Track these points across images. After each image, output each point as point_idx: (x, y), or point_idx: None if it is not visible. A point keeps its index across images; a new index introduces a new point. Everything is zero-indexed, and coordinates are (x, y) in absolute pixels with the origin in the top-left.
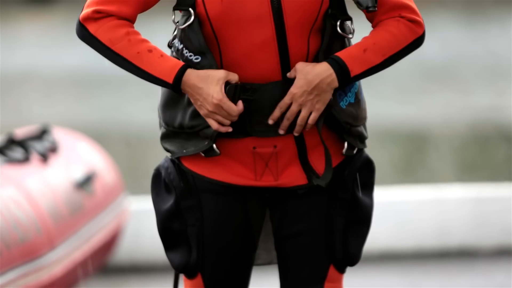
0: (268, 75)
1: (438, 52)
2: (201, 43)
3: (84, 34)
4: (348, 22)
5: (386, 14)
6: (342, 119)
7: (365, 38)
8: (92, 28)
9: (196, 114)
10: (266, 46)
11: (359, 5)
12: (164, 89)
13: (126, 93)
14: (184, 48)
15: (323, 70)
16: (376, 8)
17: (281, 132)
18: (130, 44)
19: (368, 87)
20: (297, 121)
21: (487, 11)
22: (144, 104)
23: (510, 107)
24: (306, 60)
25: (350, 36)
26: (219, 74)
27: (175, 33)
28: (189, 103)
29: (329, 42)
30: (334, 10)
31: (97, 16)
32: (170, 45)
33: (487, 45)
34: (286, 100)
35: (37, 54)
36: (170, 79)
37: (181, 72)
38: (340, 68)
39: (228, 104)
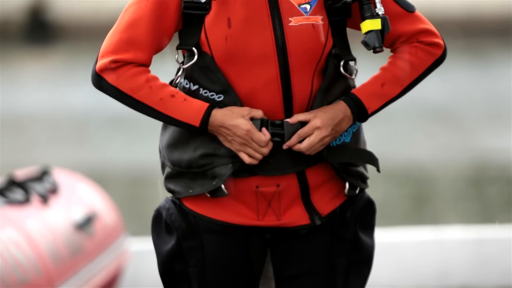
0: (271, 114)
1: (439, 93)
2: (223, 81)
3: (103, 84)
4: (352, 63)
5: (404, 43)
6: (333, 159)
7: (383, 70)
8: (111, 78)
9: (207, 154)
10: (270, 85)
11: (366, 45)
12: (171, 129)
13: (126, 134)
14: (201, 88)
15: (343, 108)
16: (383, 49)
17: (284, 147)
18: (151, 91)
19: (369, 128)
20: (306, 151)
21: (488, 53)
22: (144, 145)
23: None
24: (309, 99)
25: (353, 77)
26: (243, 110)
27: (180, 73)
28: (200, 143)
29: (329, 82)
30: (338, 50)
31: (115, 65)
32: (174, 85)
33: (488, 87)
34: (307, 130)
35: (37, 95)
36: (197, 123)
37: (207, 114)
38: (357, 106)
39: (257, 134)
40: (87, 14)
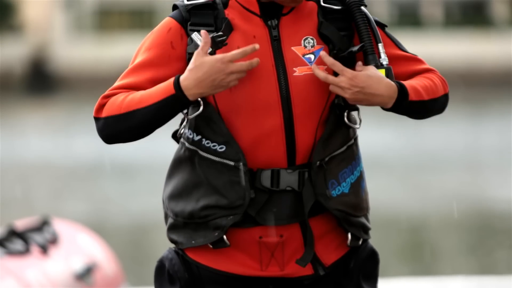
0: (274, 162)
1: (440, 142)
2: (225, 132)
3: (99, 124)
4: (355, 113)
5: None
6: (332, 207)
7: (410, 81)
8: (103, 114)
9: (209, 205)
10: (274, 134)
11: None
12: (174, 180)
13: (127, 183)
14: (203, 139)
15: (390, 86)
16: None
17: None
18: (132, 99)
19: (370, 176)
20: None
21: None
22: (145, 194)
23: None
24: (312, 149)
25: (357, 126)
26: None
27: (184, 123)
28: (202, 195)
29: (331, 132)
30: (341, 101)
31: (105, 101)
32: (179, 135)
33: (488, 136)
34: (342, 79)
35: (38, 145)
36: (171, 90)
37: (176, 79)
38: (402, 89)
39: (231, 54)
40: (87, 65)
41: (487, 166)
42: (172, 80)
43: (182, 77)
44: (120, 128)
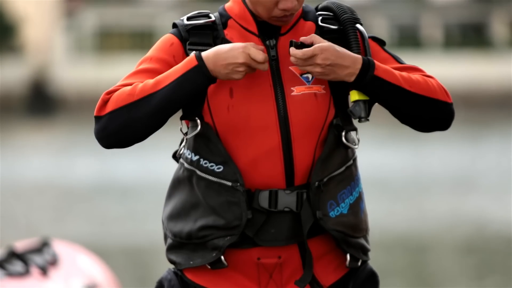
0: (272, 183)
1: (440, 163)
2: (223, 152)
3: (101, 122)
4: (353, 133)
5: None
6: (330, 227)
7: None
8: (107, 109)
9: (207, 225)
10: (272, 155)
11: (352, 114)
12: (173, 201)
13: (127, 204)
14: (201, 159)
15: (355, 58)
16: (369, 119)
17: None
18: (145, 84)
19: (371, 194)
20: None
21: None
22: (145, 215)
23: None
24: (311, 169)
25: (356, 146)
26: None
27: (184, 143)
28: (200, 215)
29: (329, 152)
30: (339, 121)
31: (108, 97)
32: (178, 156)
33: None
34: (311, 51)
35: (39, 166)
36: (192, 62)
37: (198, 52)
38: (368, 62)
39: (251, 47)
40: (88, 86)
41: (487, 187)
42: (193, 54)
43: (204, 54)
44: (130, 119)
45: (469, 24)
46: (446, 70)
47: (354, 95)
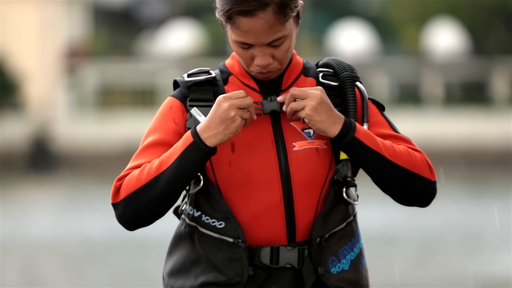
0: (274, 239)
1: (441, 221)
2: (224, 208)
3: (118, 209)
4: (353, 189)
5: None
6: (332, 284)
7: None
8: (120, 196)
9: (207, 282)
10: (273, 210)
11: (338, 172)
12: (174, 257)
13: (135, 260)
14: (203, 215)
15: (339, 115)
16: (354, 180)
17: (279, 99)
18: (150, 167)
19: (372, 251)
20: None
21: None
22: (153, 271)
23: None
24: (312, 225)
25: (356, 203)
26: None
27: (186, 199)
28: (201, 272)
29: (330, 208)
30: (340, 177)
31: (120, 183)
32: (180, 212)
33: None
34: (296, 93)
35: (41, 224)
36: (189, 140)
37: (194, 127)
38: (350, 123)
39: (231, 93)
40: (90, 143)
41: (488, 245)
42: (189, 131)
43: (198, 128)
44: (143, 203)
45: (470, 82)
46: (446, 127)
47: (342, 154)
